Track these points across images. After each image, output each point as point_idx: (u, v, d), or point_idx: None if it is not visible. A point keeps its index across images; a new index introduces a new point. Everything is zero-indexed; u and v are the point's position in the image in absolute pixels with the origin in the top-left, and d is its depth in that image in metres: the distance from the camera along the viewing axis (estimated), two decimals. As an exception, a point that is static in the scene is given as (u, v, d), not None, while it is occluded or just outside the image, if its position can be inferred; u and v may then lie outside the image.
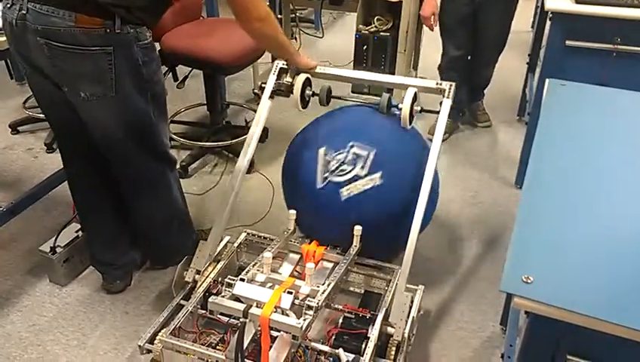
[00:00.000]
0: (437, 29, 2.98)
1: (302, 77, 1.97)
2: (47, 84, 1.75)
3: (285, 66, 2.01)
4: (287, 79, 1.99)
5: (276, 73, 2.01)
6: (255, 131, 1.97)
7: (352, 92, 3.28)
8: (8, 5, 1.63)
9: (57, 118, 1.90)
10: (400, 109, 1.89)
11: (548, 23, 2.43)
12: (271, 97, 2.01)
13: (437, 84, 1.91)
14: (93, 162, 1.96)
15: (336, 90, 2.08)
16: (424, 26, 3.03)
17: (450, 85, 1.88)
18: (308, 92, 2.01)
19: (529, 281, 0.97)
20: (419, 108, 1.92)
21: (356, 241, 1.92)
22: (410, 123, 1.90)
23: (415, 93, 1.89)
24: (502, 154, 3.12)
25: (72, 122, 1.83)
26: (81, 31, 1.57)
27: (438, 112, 1.87)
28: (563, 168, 1.30)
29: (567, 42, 2.29)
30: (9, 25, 1.64)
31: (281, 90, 2.01)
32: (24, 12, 1.58)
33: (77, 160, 2.00)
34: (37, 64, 1.69)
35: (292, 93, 1.98)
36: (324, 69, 2.03)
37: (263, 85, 2.03)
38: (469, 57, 3.09)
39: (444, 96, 1.88)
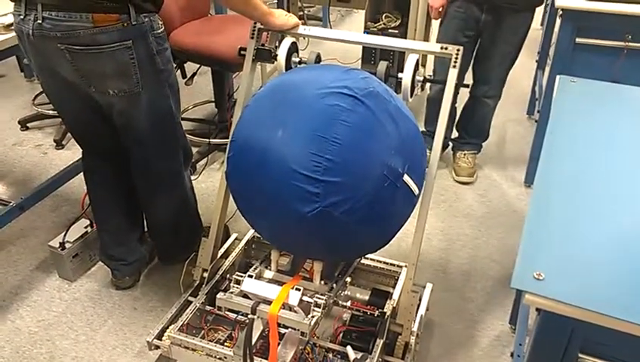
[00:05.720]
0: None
1: (287, 41, 1.76)
2: (65, 89, 1.75)
3: (262, 26, 1.79)
4: (270, 45, 1.79)
5: (255, 36, 1.80)
6: (242, 103, 1.79)
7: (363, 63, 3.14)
8: (22, 17, 1.61)
9: (75, 119, 1.92)
10: (400, 79, 1.67)
11: (558, 20, 2.41)
12: (254, 63, 1.83)
13: (442, 48, 1.65)
14: (111, 159, 1.98)
15: (346, 58, 1.84)
16: (432, 21, 3.01)
17: (458, 50, 1.64)
18: (295, 59, 1.79)
19: (540, 278, 0.96)
20: (421, 78, 1.71)
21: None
22: (412, 95, 1.69)
23: (417, 61, 1.68)
24: (511, 152, 3.11)
25: (90, 123, 1.87)
26: (99, 30, 1.57)
27: (444, 82, 1.66)
28: (574, 165, 1.29)
29: (578, 39, 2.28)
30: (25, 36, 1.62)
31: (264, 57, 1.79)
32: (40, 21, 1.57)
33: (94, 156, 2.02)
34: (58, 70, 1.69)
35: (275, 60, 1.76)
36: (308, 29, 1.80)
37: (242, 52, 1.82)
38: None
39: (450, 65, 1.65)
